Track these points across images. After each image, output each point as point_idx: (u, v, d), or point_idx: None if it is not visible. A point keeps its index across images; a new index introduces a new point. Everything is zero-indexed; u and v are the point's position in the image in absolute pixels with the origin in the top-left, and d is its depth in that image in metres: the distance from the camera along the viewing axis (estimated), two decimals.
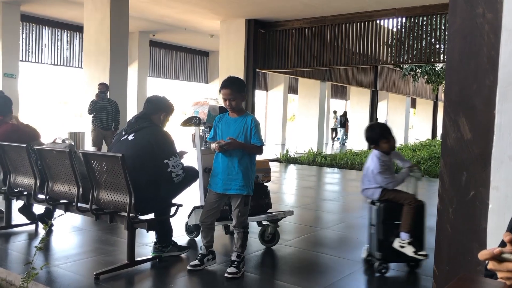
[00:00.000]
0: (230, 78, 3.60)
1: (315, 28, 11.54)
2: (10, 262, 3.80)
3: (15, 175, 4.40)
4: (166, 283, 3.40)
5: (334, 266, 3.89)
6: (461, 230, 2.02)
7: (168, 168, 3.54)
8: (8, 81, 10.71)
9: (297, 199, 7.36)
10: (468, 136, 2.02)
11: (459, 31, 2.06)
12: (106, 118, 8.62)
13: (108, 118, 8.63)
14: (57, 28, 13.24)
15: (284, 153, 13.18)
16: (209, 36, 14.47)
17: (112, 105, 8.70)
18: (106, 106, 8.62)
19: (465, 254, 2.00)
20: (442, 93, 22.36)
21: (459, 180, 2.03)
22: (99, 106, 8.57)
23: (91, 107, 8.57)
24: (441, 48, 10.19)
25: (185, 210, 4.14)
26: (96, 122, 8.60)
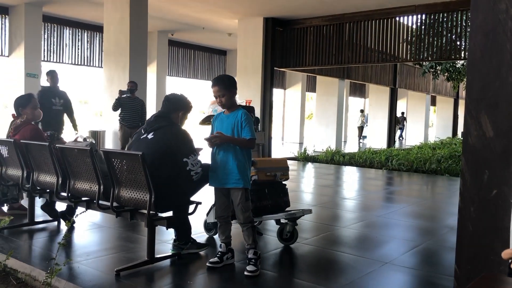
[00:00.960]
0: (218, 76, 3.79)
1: (333, 26, 11.48)
2: (34, 258, 3.89)
3: (38, 173, 4.49)
4: (186, 280, 3.43)
5: (353, 264, 3.88)
6: (483, 229, 2.00)
7: (187, 166, 3.57)
8: (30, 81, 10.92)
9: (315, 198, 7.34)
10: (490, 134, 1.99)
11: (481, 27, 2.03)
12: (132, 116, 8.61)
13: (133, 116, 8.62)
14: (77, 28, 13.43)
15: (302, 152, 13.15)
16: (227, 35, 14.51)
17: (138, 103, 8.70)
18: (132, 104, 8.59)
19: (487, 253, 1.97)
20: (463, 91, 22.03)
21: (481, 178, 2.00)
22: (124, 104, 8.54)
23: (115, 104, 8.58)
24: (462, 45, 10.03)
25: (204, 207, 4.17)
26: (122, 120, 8.60)
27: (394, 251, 4.32)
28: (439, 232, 5.17)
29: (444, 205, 7.07)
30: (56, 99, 7.70)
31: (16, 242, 4.24)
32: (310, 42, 11.84)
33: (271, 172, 4.36)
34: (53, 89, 7.81)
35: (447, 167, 10.72)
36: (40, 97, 7.23)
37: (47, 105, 7.39)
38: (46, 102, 7.41)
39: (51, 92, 7.75)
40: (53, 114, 7.56)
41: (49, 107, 7.43)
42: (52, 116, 7.48)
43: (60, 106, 7.76)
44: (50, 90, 7.79)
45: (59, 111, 7.77)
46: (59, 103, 7.71)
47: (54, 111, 7.61)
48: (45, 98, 7.43)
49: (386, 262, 3.92)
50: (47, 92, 7.74)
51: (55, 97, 7.71)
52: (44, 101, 7.31)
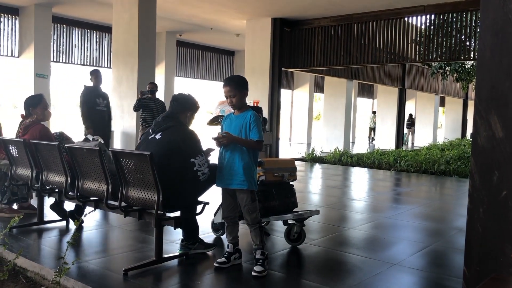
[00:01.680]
0: (230, 76, 3.77)
1: (342, 26, 11.45)
2: (43, 257, 3.91)
3: (47, 172, 4.52)
4: (193, 280, 3.44)
5: (361, 266, 3.86)
6: (492, 231, 1.98)
7: (195, 166, 3.58)
8: (40, 81, 11.02)
9: (323, 199, 7.32)
10: (500, 134, 1.97)
11: (490, 27, 2.01)
12: (153, 117, 8.53)
13: (155, 117, 8.50)
14: (86, 29, 13.52)
15: (309, 152, 13.12)
16: (235, 35, 14.53)
17: (159, 104, 8.67)
18: (153, 105, 8.53)
19: (496, 255, 1.95)
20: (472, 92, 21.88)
21: (491, 179, 1.99)
22: (145, 104, 8.48)
23: (136, 105, 8.52)
24: (471, 45, 9.96)
25: (212, 208, 4.18)
26: (143, 121, 8.54)
27: (402, 253, 4.30)
28: (448, 234, 5.13)
29: (453, 206, 7.02)
30: (100, 99, 7.46)
31: (26, 241, 4.28)
32: (318, 43, 11.83)
33: (278, 172, 4.36)
34: (97, 89, 7.56)
35: (456, 168, 10.65)
36: (84, 96, 7.16)
37: (91, 105, 7.24)
38: (90, 102, 7.26)
39: (94, 92, 7.49)
40: (98, 114, 7.35)
41: (92, 107, 7.27)
42: (97, 116, 7.30)
43: (104, 107, 7.54)
44: (93, 90, 7.52)
45: (103, 112, 7.53)
46: (102, 104, 7.48)
47: (97, 111, 7.39)
48: (88, 98, 7.26)
49: (394, 264, 3.90)
50: (91, 92, 7.47)
51: (99, 97, 7.47)
52: (88, 100, 7.20)
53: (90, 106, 7.19)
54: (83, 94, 7.25)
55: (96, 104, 7.37)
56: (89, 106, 7.22)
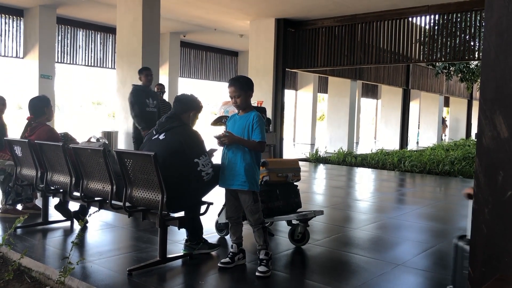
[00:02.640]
0: (236, 76, 3.76)
1: (345, 27, 11.44)
2: (48, 257, 3.93)
3: (52, 173, 4.54)
4: (197, 280, 3.44)
5: (365, 266, 3.86)
6: (497, 231, 1.97)
7: (198, 167, 3.58)
8: (44, 82, 11.06)
9: (327, 199, 7.31)
10: (505, 134, 1.96)
11: (495, 27, 2.00)
12: None
13: None
14: (91, 30, 13.57)
15: (313, 153, 13.11)
16: (239, 36, 14.54)
17: (167, 106, 8.66)
18: (162, 107, 8.55)
19: (501, 255, 1.94)
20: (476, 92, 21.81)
21: (495, 179, 1.98)
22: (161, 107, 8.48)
23: None
24: (476, 45, 9.93)
25: (216, 208, 4.18)
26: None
27: (407, 253, 4.29)
28: (452, 234, 5.10)
29: (457, 207, 7.00)
30: (149, 100, 6.80)
31: (30, 241, 4.29)
32: (322, 43, 11.82)
33: (282, 173, 4.36)
34: (147, 89, 6.92)
35: (461, 169, 10.62)
36: (134, 96, 6.61)
37: (140, 106, 6.64)
38: (139, 102, 6.66)
39: (144, 92, 6.83)
40: (147, 116, 6.64)
41: (142, 108, 6.64)
42: (147, 118, 6.60)
43: (154, 108, 6.84)
44: (143, 89, 6.86)
45: (153, 114, 6.78)
46: (152, 105, 6.81)
47: (147, 113, 6.69)
48: (138, 98, 6.66)
49: (398, 264, 3.89)
50: (141, 92, 6.80)
51: (149, 98, 6.81)
52: (138, 101, 6.62)
53: (139, 107, 6.61)
54: (133, 94, 6.65)
55: (146, 105, 6.71)
56: (140, 107, 6.62)
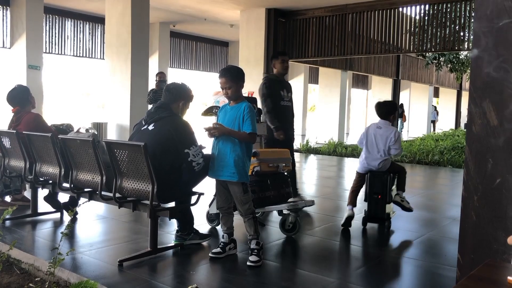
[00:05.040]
0: (227, 67, 3.72)
1: (336, 17, 11.41)
2: (37, 248, 3.90)
3: (41, 164, 4.50)
4: (188, 270, 3.44)
5: (355, 255, 3.88)
6: (486, 218, 1.99)
7: (189, 157, 3.56)
8: (32, 73, 10.90)
9: (317, 189, 7.33)
10: (495, 122, 1.97)
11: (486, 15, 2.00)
12: None
13: None
14: (79, 20, 13.40)
15: (304, 143, 13.13)
16: (229, 26, 14.45)
17: None
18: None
19: (490, 242, 1.96)
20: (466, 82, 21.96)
21: (485, 167, 1.99)
22: (159, 96, 8.42)
23: (152, 97, 8.27)
24: (466, 35, 9.96)
25: (207, 198, 4.17)
26: None
27: (397, 242, 4.32)
28: (442, 223, 5.16)
29: (446, 196, 7.06)
30: (284, 92, 5.50)
31: (19, 232, 4.26)
32: (312, 33, 11.78)
33: (273, 163, 4.36)
34: (281, 78, 5.63)
35: (450, 159, 10.70)
36: (267, 87, 5.39)
37: (274, 99, 5.39)
38: (274, 95, 5.39)
39: (279, 82, 5.54)
40: (281, 111, 5.43)
41: (276, 102, 5.39)
42: (280, 114, 5.40)
43: (289, 102, 5.58)
44: (278, 79, 5.57)
45: (288, 108, 5.56)
46: (287, 97, 5.54)
47: (281, 108, 5.45)
48: (272, 91, 5.38)
49: (389, 253, 3.92)
50: (275, 82, 5.50)
51: (283, 89, 5.51)
52: (271, 93, 5.37)
53: (274, 100, 5.37)
54: (266, 85, 5.39)
55: (281, 98, 5.44)
56: (274, 101, 5.38)
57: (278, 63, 5.52)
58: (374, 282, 3.33)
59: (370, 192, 4.59)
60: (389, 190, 4.56)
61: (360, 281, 3.29)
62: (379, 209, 4.54)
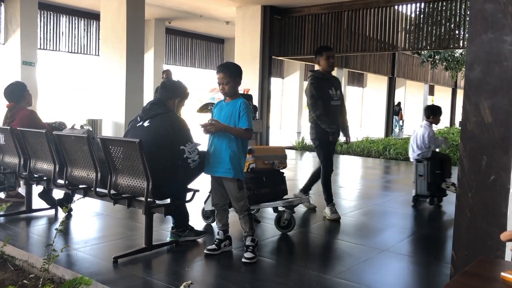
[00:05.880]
0: (225, 63, 3.71)
1: (332, 14, 11.41)
2: (31, 245, 3.89)
3: (35, 160, 4.48)
4: (184, 267, 3.44)
5: (350, 252, 3.89)
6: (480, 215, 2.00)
7: (184, 154, 3.56)
8: (26, 69, 10.84)
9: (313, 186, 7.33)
10: (489, 120, 1.98)
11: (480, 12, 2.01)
12: None
13: None
14: (74, 16, 13.32)
15: (300, 141, 13.14)
16: (225, 23, 14.42)
17: None
18: None
19: (484, 239, 1.97)
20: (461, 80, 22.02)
21: (479, 164, 2.00)
22: None
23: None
24: (461, 34, 9.99)
25: (202, 195, 4.17)
26: None
27: (391, 239, 4.34)
28: (436, 220, 5.18)
29: None
30: (333, 90, 4.99)
31: (14, 229, 4.24)
32: (308, 31, 11.78)
33: (269, 160, 4.36)
34: (328, 76, 5.08)
35: None
36: (314, 87, 4.90)
37: (325, 100, 4.91)
38: (322, 93, 4.92)
39: (326, 80, 5.01)
40: (332, 111, 4.95)
41: (327, 103, 4.92)
42: (330, 115, 4.92)
43: (338, 101, 5.04)
44: (324, 77, 5.01)
45: (337, 108, 5.03)
46: (336, 96, 5.01)
47: (332, 108, 4.95)
48: (321, 90, 4.92)
49: (383, 250, 3.94)
50: (322, 80, 4.98)
51: (331, 87, 5.00)
52: (321, 93, 4.91)
53: (324, 100, 4.90)
54: (313, 85, 4.89)
55: (330, 98, 4.96)
56: (323, 101, 4.90)
57: (322, 60, 5.00)
58: (369, 279, 3.35)
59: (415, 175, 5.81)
60: (430, 173, 5.69)
61: (355, 278, 3.30)
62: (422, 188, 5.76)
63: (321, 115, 4.86)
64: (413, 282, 3.36)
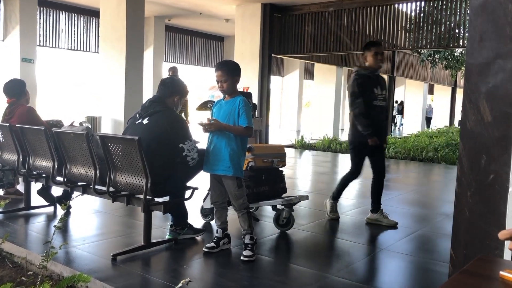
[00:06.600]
0: (224, 60, 3.72)
1: (332, 13, 11.39)
2: (30, 242, 3.88)
3: (34, 157, 4.47)
4: (182, 264, 3.44)
5: (349, 250, 3.89)
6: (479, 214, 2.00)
7: (184, 152, 3.55)
8: (26, 66, 10.82)
9: (312, 185, 7.35)
10: (489, 118, 1.98)
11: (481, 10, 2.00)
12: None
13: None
14: (73, 13, 13.30)
15: (299, 139, 13.14)
16: (225, 21, 14.39)
17: None
18: None
19: (483, 238, 1.97)
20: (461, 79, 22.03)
21: (479, 163, 2.00)
22: None
23: None
24: (461, 33, 9.98)
25: (201, 193, 4.17)
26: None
27: (390, 238, 4.34)
28: (435, 219, 5.19)
29: (440, 192, 7.10)
30: (378, 89, 4.69)
31: (12, 226, 4.24)
32: (308, 29, 11.76)
33: (268, 158, 4.36)
34: (373, 74, 4.74)
35: (444, 155, 10.75)
36: (358, 84, 4.59)
37: (366, 98, 4.58)
38: (367, 92, 4.60)
39: (370, 78, 4.69)
40: (374, 112, 4.62)
41: (369, 103, 4.58)
42: (373, 116, 4.60)
43: (383, 101, 4.73)
44: (369, 75, 4.70)
45: (381, 109, 4.72)
46: (381, 96, 4.70)
47: (374, 108, 4.63)
48: (364, 87, 4.59)
49: (382, 249, 3.94)
50: (367, 78, 4.66)
51: (377, 86, 4.68)
52: (364, 92, 4.58)
53: (366, 99, 4.58)
54: (357, 82, 4.59)
55: (374, 97, 4.64)
56: (366, 100, 4.57)
57: (370, 56, 4.67)
58: (367, 278, 3.35)
59: None
60: None
61: (353, 277, 3.30)
62: None
63: (359, 114, 4.55)
64: (412, 281, 3.36)
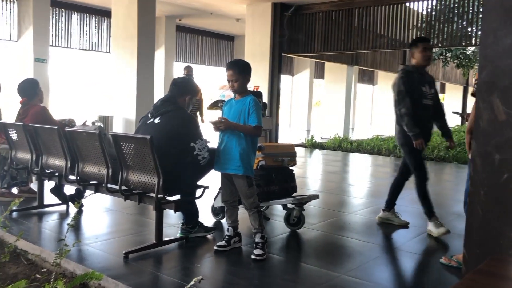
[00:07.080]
0: (235, 60, 3.76)
1: (343, 11, 11.35)
2: (43, 240, 3.93)
3: (47, 156, 4.52)
4: (193, 263, 3.46)
5: (359, 250, 3.88)
6: (493, 213, 1.98)
7: (195, 151, 3.57)
8: (39, 66, 10.93)
9: (322, 184, 7.33)
10: (502, 117, 1.96)
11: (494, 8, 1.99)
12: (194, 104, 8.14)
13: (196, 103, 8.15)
14: (85, 13, 13.40)
15: (309, 138, 13.12)
16: (235, 20, 14.41)
17: None
18: None
19: (496, 237, 1.96)
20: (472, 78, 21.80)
21: (492, 162, 1.98)
22: None
23: None
24: (473, 31, 9.88)
25: (212, 192, 4.18)
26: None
27: (402, 237, 4.32)
28: (446, 219, 5.14)
29: (451, 192, 7.04)
30: (426, 87, 4.41)
31: (26, 224, 4.29)
32: (318, 28, 11.73)
33: (278, 157, 4.36)
34: (421, 71, 4.47)
35: (456, 155, 10.66)
36: (404, 82, 4.30)
37: (416, 96, 4.31)
38: (414, 90, 4.32)
39: (419, 76, 4.43)
40: (421, 112, 4.34)
41: (417, 100, 4.32)
42: (421, 116, 4.33)
43: (431, 100, 4.44)
44: (417, 72, 4.43)
45: (428, 108, 4.43)
46: (429, 95, 4.42)
47: (422, 108, 4.35)
48: (410, 85, 4.31)
49: (393, 248, 3.92)
50: (414, 76, 4.39)
51: (425, 84, 4.42)
52: (411, 90, 4.30)
53: (415, 98, 4.30)
54: (403, 80, 4.30)
55: (422, 96, 4.37)
56: (414, 99, 4.30)
57: (417, 52, 4.41)
58: (379, 277, 3.34)
59: None
60: None
61: (365, 276, 3.29)
62: None
63: (405, 114, 4.26)
64: (425, 281, 3.34)
